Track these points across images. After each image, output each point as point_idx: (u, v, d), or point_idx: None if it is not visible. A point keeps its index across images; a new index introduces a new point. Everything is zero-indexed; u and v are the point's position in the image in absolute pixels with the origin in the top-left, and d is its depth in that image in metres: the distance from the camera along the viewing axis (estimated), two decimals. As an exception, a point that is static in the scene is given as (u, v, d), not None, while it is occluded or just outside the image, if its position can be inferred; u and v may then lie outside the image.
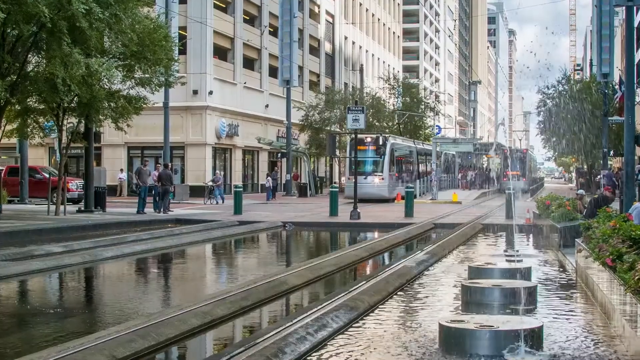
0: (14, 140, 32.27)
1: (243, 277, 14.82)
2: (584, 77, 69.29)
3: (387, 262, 16.34)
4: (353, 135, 35.23)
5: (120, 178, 43.35)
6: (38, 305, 11.96)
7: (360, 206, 29.32)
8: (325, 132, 50.25)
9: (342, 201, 35.05)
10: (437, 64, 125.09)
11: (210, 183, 39.69)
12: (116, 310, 11.42)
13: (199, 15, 42.60)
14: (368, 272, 15.54)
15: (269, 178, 42.68)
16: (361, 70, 67.11)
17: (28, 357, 7.44)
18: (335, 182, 53.80)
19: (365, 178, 38.93)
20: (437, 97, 72.95)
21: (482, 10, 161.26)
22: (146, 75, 26.31)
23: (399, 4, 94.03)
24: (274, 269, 14.92)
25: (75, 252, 17.27)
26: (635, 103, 28.54)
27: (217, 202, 37.50)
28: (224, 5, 48.41)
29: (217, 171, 42.09)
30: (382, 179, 39.95)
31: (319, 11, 64.38)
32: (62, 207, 26.51)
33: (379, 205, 37.09)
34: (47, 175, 33.11)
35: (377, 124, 56.04)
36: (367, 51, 77.98)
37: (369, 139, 40.17)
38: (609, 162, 47.67)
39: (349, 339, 8.64)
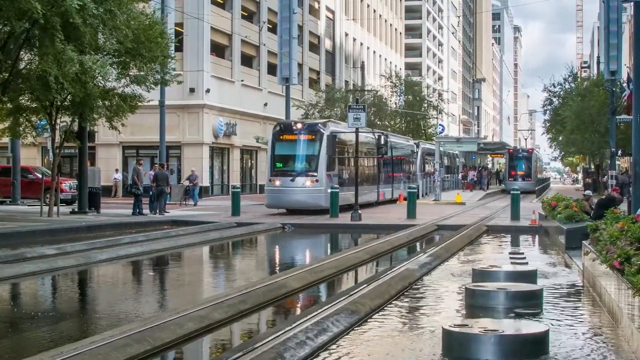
0: (5, 139, 32.30)
1: (241, 280, 14.81)
2: (591, 75, 69.31)
3: (389, 264, 16.33)
4: (277, 124, 32.40)
5: (115, 178, 43.36)
6: (30, 309, 11.95)
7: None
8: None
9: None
10: (440, 61, 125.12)
11: (187, 182, 37.74)
12: (111, 314, 11.41)
13: (196, 11, 42.60)
14: (369, 275, 15.53)
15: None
16: (362, 68, 67.12)
17: (20, 362, 7.43)
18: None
19: (291, 180, 30.08)
20: (440, 95, 72.94)
21: (487, 6, 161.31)
22: (141, 73, 26.32)
23: (401, 0, 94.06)
24: (273, 271, 14.92)
25: (68, 254, 17.27)
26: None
27: (194, 204, 36.28)
28: (221, 1, 48.41)
29: (193, 169, 40.04)
30: (316, 180, 29.95)
31: (318, 7, 64.40)
32: (55, 208, 26.52)
33: (380, 206, 37.06)
34: (40, 176, 33.10)
35: (378, 122, 56.06)
36: (368, 48, 77.99)
37: (299, 126, 31.16)
38: (617, 162, 47.66)
39: (349, 343, 8.63)
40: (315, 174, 30.15)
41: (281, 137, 31.04)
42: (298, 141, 30.90)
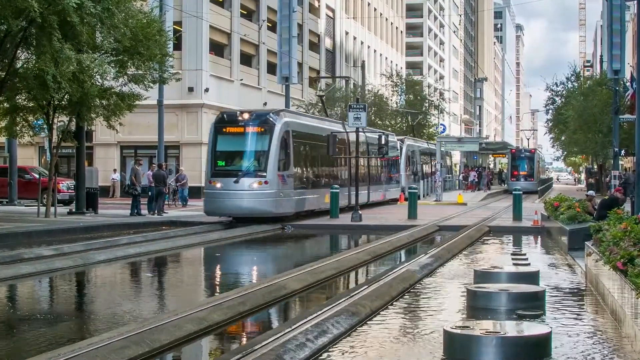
0: (2, 139, 32.31)
1: (240, 281, 14.82)
2: (594, 74, 69.31)
3: (389, 265, 16.33)
4: (219, 114, 28.18)
5: (113, 179, 43.35)
6: (27, 310, 11.95)
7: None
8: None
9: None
10: (441, 60, 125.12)
11: (173, 183, 36.77)
12: (109, 316, 11.41)
13: (195, 10, 42.60)
14: (370, 276, 15.53)
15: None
16: (363, 67, 67.12)
17: (17, 364, 7.43)
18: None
19: (235, 181, 25.45)
20: (441, 94, 72.96)
21: (489, 4, 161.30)
22: (139, 72, 26.33)
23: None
24: (273, 272, 14.91)
25: (66, 255, 17.27)
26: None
27: (183, 205, 35.77)
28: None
29: (182, 168, 39.24)
30: (265, 182, 25.34)
31: (319, 5, 64.39)
32: (52, 209, 26.52)
33: (381, 207, 37.07)
34: (37, 176, 33.09)
35: (379, 122, 56.07)
36: (368, 47, 77.99)
37: (245, 116, 26.26)
38: (620, 162, 47.65)
39: (350, 345, 8.64)
40: (265, 173, 25.37)
41: (224, 129, 26.47)
42: (244, 134, 26.13)
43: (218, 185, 25.67)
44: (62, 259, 16.46)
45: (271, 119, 26.21)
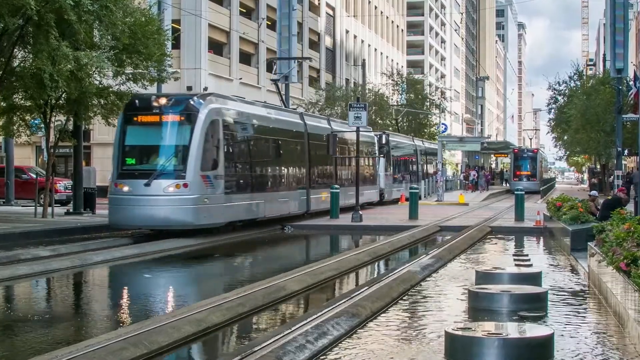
0: (-1, 138, 32.24)
1: (240, 281, 14.80)
2: (597, 73, 69.32)
3: (390, 266, 16.34)
4: (131, 98, 23.57)
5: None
6: (24, 311, 11.95)
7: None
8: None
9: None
10: (443, 59, 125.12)
11: None
12: (106, 317, 11.41)
13: (193, 8, 42.60)
14: (370, 277, 15.54)
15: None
16: (363, 66, 67.13)
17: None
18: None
19: (146, 184, 20.94)
20: (442, 93, 72.97)
21: (490, 2, 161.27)
22: (138, 71, 26.31)
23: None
24: (272, 273, 14.88)
25: (63, 256, 17.26)
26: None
27: None
28: (219, -3, 48.43)
29: None
30: (183, 185, 20.86)
31: (319, 3, 64.38)
32: (49, 209, 26.51)
33: (381, 207, 37.07)
34: (34, 176, 33.06)
35: (380, 121, 56.06)
36: (369, 45, 77.99)
37: (162, 101, 21.78)
38: (623, 162, 47.66)
39: (350, 347, 8.64)
40: (183, 174, 20.89)
41: (135, 118, 22.14)
42: (159, 124, 21.80)
43: (125, 188, 21.13)
44: (60, 260, 16.45)
45: (194, 104, 21.61)
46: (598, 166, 65.03)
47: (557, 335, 8.57)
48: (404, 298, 11.96)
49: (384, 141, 30.81)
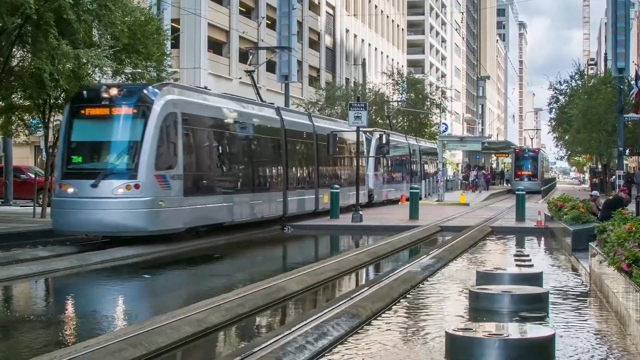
0: (-3, 138, 32.24)
1: (240, 282, 14.80)
2: (599, 72, 69.34)
3: (390, 267, 16.34)
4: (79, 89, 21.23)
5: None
6: (22, 312, 11.95)
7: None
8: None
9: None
10: (443, 58, 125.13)
11: None
12: (105, 318, 11.41)
13: (193, 7, 42.63)
14: (371, 277, 15.55)
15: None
16: (363, 65, 67.15)
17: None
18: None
19: (92, 185, 18.75)
20: (443, 93, 72.98)
21: (491, 2, 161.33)
22: (137, 70, 26.31)
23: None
24: (272, 273, 14.89)
25: (62, 256, 17.25)
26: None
27: None
28: (218, -3, 48.44)
29: None
30: (135, 186, 18.77)
31: (319, 3, 64.40)
32: (48, 209, 26.50)
33: (382, 207, 37.07)
34: (33, 176, 33.07)
35: (380, 121, 56.06)
36: (369, 45, 78.01)
37: (112, 92, 19.63)
38: (625, 162, 47.67)
39: (350, 348, 8.64)
40: (135, 174, 18.80)
41: (82, 111, 19.92)
42: (109, 118, 19.60)
43: (70, 190, 18.95)
44: (59, 260, 16.44)
45: (148, 95, 19.56)
46: (599, 166, 65.05)
47: (558, 336, 8.56)
48: (404, 298, 11.96)
49: (384, 141, 30.17)
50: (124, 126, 19.42)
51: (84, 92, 20.56)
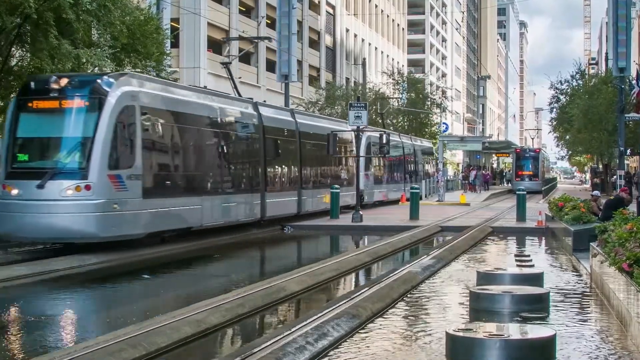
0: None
1: (240, 282, 14.81)
2: (600, 72, 69.35)
3: (391, 267, 16.34)
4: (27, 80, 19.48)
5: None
6: (21, 313, 11.94)
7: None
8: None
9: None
10: (444, 57, 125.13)
11: None
12: (105, 318, 11.41)
13: (192, 6, 42.60)
14: (371, 277, 15.55)
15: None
16: (364, 65, 67.15)
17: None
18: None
19: (39, 186, 17.00)
20: (443, 92, 72.96)
21: (492, 1, 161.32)
22: (137, 70, 26.32)
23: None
24: (272, 274, 14.90)
25: (61, 257, 17.22)
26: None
27: None
28: (218, -4, 48.41)
29: None
30: (86, 187, 16.95)
31: (319, 2, 64.39)
32: None
33: (382, 207, 37.04)
34: None
35: (379, 121, 56.06)
36: (370, 44, 78.00)
37: (63, 82, 17.80)
38: (626, 162, 47.67)
39: (350, 348, 8.64)
40: (86, 173, 17.01)
41: (29, 104, 18.08)
42: (59, 111, 17.78)
43: (14, 192, 17.10)
44: (58, 260, 16.42)
45: (103, 86, 17.72)
46: (600, 166, 65.06)
47: (559, 336, 8.56)
48: (404, 299, 11.96)
49: (384, 141, 29.95)
50: (75, 121, 17.63)
51: (32, 82, 18.56)
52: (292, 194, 27.28)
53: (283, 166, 27.29)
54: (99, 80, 17.97)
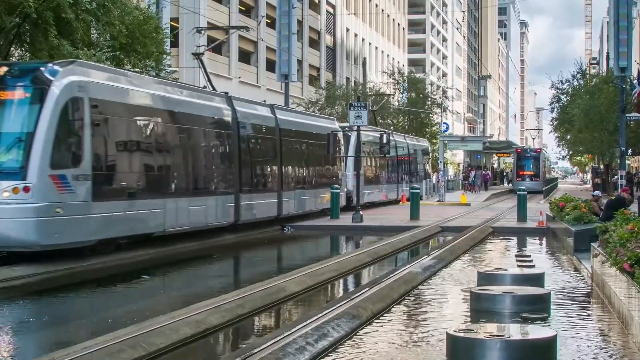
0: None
1: (239, 282, 14.81)
2: (601, 72, 69.35)
3: (391, 267, 16.34)
4: None
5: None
6: (19, 314, 11.94)
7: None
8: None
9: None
10: (444, 57, 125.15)
11: None
12: (105, 319, 11.40)
13: (192, 5, 42.59)
14: (371, 278, 15.53)
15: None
16: (364, 64, 67.17)
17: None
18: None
19: None
20: (444, 92, 72.97)
21: (492, 0, 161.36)
22: (136, 70, 26.34)
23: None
24: (272, 274, 14.90)
25: (60, 257, 17.21)
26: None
27: None
28: (218, -5, 48.42)
29: None
30: (25, 189, 15.19)
31: (319, 1, 64.41)
32: None
33: (383, 207, 37.03)
34: None
35: (380, 121, 56.07)
36: (370, 44, 78.02)
37: (3, 71, 16.43)
38: (627, 162, 47.67)
39: (351, 349, 8.64)
40: (24, 173, 15.25)
41: None
42: None
43: None
44: (57, 261, 16.41)
45: (46, 75, 15.90)
46: (601, 166, 65.08)
47: (560, 337, 8.56)
48: (405, 299, 11.96)
49: (385, 140, 29.87)
50: (14, 114, 15.83)
51: None
52: (271, 196, 25.27)
53: (261, 165, 25.13)
54: (42, 69, 16.06)
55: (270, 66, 51.76)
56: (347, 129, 32.22)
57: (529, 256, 17.00)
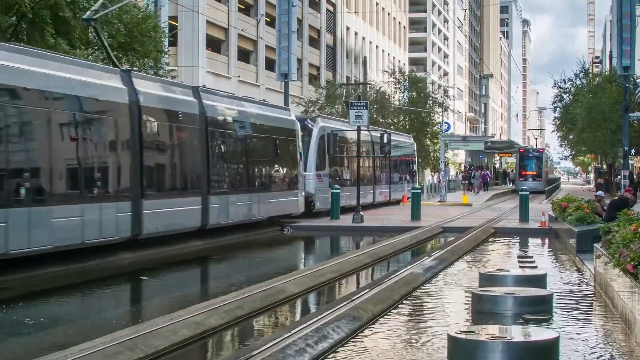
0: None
1: (239, 282, 14.82)
2: (604, 71, 69.34)
3: (392, 268, 16.34)
4: None
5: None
6: (18, 314, 11.94)
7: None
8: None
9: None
10: (445, 56, 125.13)
11: None
12: (102, 320, 11.40)
13: (191, 4, 42.58)
14: (372, 279, 15.54)
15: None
16: (364, 63, 67.16)
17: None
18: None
19: None
20: (445, 91, 72.96)
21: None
22: (134, 69, 26.35)
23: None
24: (271, 275, 14.90)
25: (59, 258, 17.22)
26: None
27: None
28: (217, -7, 48.41)
29: None
30: None
31: (319, 0, 64.40)
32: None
33: (383, 207, 37.03)
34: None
35: (381, 120, 56.08)
36: (370, 43, 78.00)
37: None
38: (630, 162, 47.66)
39: (351, 351, 8.64)
40: None
41: None
42: None
43: None
44: (55, 262, 16.41)
45: None
46: (604, 166, 65.07)
47: (563, 338, 8.56)
48: (406, 301, 11.96)
49: (385, 140, 29.75)
50: None
51: None
52: (193, 201, 20.47)
53: (177, 162, 20.48)
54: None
55: (270, 65, 51.74)
56: (308, 121, 30.04)
57: (531, 257, 17.01)
